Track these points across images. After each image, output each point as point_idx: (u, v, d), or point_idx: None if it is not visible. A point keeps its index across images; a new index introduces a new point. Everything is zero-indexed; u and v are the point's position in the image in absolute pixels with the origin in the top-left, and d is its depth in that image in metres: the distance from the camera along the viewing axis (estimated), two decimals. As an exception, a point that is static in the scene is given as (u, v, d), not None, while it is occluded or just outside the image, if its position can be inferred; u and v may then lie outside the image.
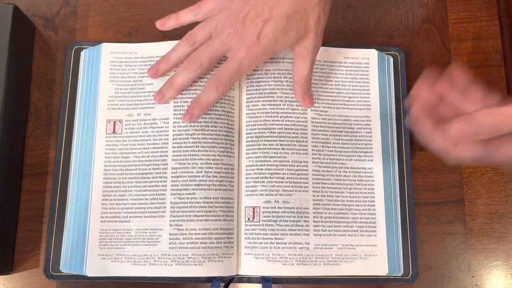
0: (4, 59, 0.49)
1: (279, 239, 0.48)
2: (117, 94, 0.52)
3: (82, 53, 0.53)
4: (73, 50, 0.54)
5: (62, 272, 0.48)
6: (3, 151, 0.48)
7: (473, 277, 0.51)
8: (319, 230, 0.49)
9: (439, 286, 0.50)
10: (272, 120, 0.50)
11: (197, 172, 0.49)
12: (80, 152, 0.51)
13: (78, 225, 0.49)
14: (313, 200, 0.49)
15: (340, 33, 0.56)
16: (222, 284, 0.48)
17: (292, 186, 0.49)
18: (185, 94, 0.50)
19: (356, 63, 0.53)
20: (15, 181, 0.51)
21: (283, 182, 0.49)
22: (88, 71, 0.53)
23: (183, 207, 0.48)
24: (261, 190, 0.49)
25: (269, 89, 0.51)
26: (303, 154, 0.50)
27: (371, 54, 0.54)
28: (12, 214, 0.50)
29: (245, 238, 0.48)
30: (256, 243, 0.48)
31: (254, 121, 0.51)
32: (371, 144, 0.51)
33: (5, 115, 0.48)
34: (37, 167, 0.52)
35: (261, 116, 0.51)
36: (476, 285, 0.51)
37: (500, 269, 0.51)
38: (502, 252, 0.51)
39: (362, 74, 0.53)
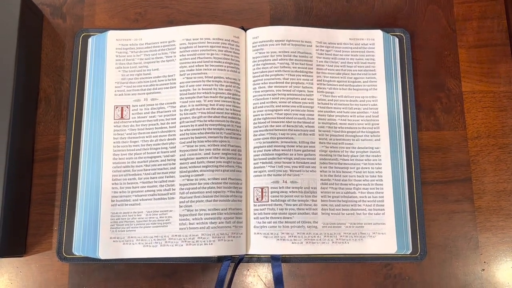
0: (13, 47, 0.49)
1: (288, 218, 0.49)
2: (124, 80, 0.52)
3: (90, 40, 0.54)
4: (81, 37, 0.54)
5: (75, 254, 0.49)
6: (14, 137, 0.49)
7: (481, 254, 0.51)
8: (327, 209, 0.49)
9: (448, 264, 0.51)
10: (279, 102, 0.51)
11: (204, 154, 0.49)
12: (90, 137, 0.51)
13: (90, 209, 0.50)
14: (321, 179, 0.50)
15: (345, 15, 0.56)
16: (232, 264, 0.49)
17: (299, 167, 0.50)
18: (191, 78, 0.51)
19: (362, 44, 0.54)
20: (27, 166, 0.52)
21: (290, 163, 0.50)
22: (95, 58, 0.53)
23: (192, 188, 0.49)
24: (269, 171, 0.49)
25: (275, 71, 0.51)
26: (310, 135, 0.51)
27: (377, 35, 0.54)
28: (25, 198, 0.51)
29: (254, 218, 0.49)
30: (265, 222, 0.49)
31: (260, 103, 0.51)
32: (377, 124, 0.52)
33: (16, 101, 0.49)
34: (48, 152, 0.52)
35: (268, 98, 0.51)
36: (485, 262, 0.51)
37: (509, 246, 0.51)
38: (510, 229, 0.51)
39: (368, 55, 0.53)
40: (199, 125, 0.50)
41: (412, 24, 0.56)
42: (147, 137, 0.51)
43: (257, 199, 0.49)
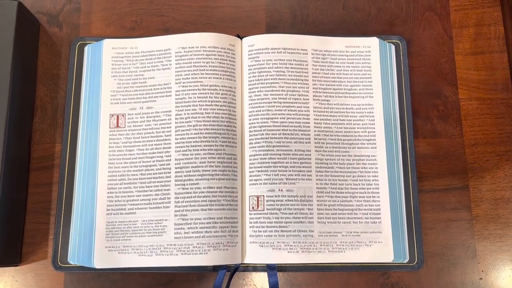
0: (9, 55, 0.49)
1: (284, 227, 0.48)
2: (119, 89, 0.52)
3: (86, 49, 0.54)
4: (77, 46, 0.54)
5: (70, 264, 0.49)
6: (10, 146, 0.49)
7: (479, 263, 0.50)
8: (323, 218, 0.49)
9: (445, 272, 0.50)
10: (275, 110, 0.51)
11: (200, 163, 0.49)
12: (85, 146, 0.51)
13: (85, 218, 0.49)
14: (317, 188, 0.50)
15: (341, 22, 0.56)
16: (228, 273, 0.49)
17: (295, 175, 0.49)
18: (187, 86, 0.51)
19: (358, 52, 0.54)
20: (23, 174, 0.51)
21: (286, 171, 0.49)
22: (91, 66, 0.54)
23: (187, 197, 0.48)
24: (264, 179, 0.49)
25: (271, 79, 0.51)
26: (306, 143, 0.50)
27: (373, 43, 0.54)
28: (20, 207, 0.51)
29: (250, 227, 0.49)
30: (260, 231, 0.48)
31: (256, 111, 0.51)
32: (374, 132, 0.52)
33: (12, 110, 0.49)
34: (43, 161, 0.52)
35: (264, 106, 0.51)
36: (483, 271, 0.50)
37: (507, 255, 0.51)
38: (508, 238, 0.51)
39: (364, 62, 0.53)
40: (194, 134, 0.50)
41: (409, 31, 0.56)
42: (142, 145, 0.51)
43: (252, 207, 0.49)
